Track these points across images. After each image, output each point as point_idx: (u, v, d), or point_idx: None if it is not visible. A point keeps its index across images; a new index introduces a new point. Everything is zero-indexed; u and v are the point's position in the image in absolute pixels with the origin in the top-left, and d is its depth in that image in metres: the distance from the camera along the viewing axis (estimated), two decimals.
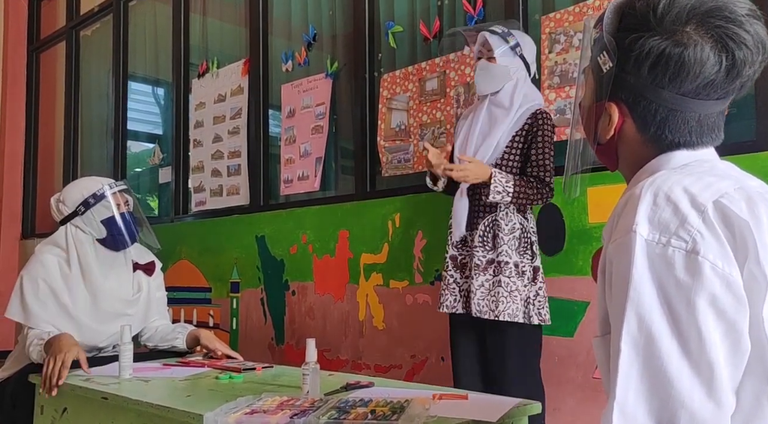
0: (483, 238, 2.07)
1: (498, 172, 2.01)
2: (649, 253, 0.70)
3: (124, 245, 2.22)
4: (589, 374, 2.19)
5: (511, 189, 2.00)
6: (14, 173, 5.44)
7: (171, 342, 2.26)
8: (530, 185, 2.04)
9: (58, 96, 5.36)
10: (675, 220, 0.70)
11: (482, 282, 2.03)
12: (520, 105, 2.10)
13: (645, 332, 0.69)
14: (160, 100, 4.70)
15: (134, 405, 1.55)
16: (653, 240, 0.70)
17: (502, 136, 2.09)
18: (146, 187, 4.75)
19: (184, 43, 4.17)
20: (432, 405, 1.34)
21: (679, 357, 0.67)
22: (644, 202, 0.73)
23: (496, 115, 2.12)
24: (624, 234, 0.72)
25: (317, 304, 3.17)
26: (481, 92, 2.15)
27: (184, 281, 3.90)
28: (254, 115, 3.64)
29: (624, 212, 0.75)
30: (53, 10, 5.55)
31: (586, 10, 2.34)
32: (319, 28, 3.40)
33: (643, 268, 0.70)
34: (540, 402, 1.42)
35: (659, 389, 0.67)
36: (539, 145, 2.07)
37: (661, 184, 0.74)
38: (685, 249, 0.69)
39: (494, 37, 2.11)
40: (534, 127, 2.08)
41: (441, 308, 2.13)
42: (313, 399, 1.41)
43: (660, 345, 0.68)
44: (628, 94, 0.83)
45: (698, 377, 0.67)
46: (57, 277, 2.13)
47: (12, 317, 2.10)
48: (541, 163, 2.06)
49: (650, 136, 0.83)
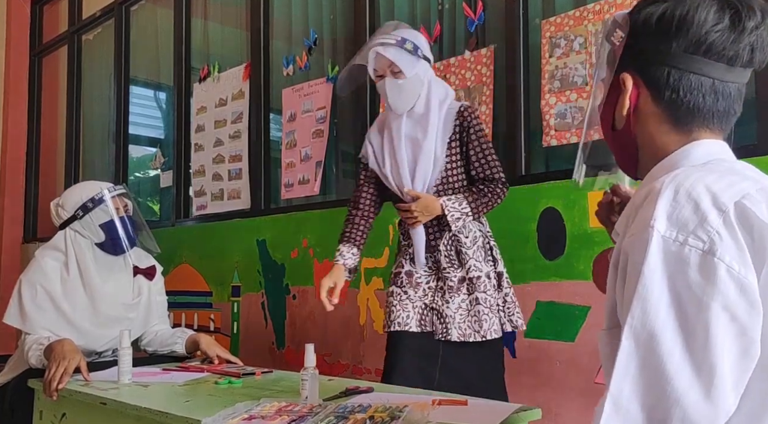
0: (448, 257, 1.96)
1: (447, 200, 1.91)
2: (665, 250, 0.69)
3: (123, 250, 2.21)
4: (591, 379, 2.18)
5: (467, 209, 1.92)
6: (16, 177, 5.45)
7: (170, 347, 2.26)
8: (483, 193, 1.94)
9: (60, 100, 5.37)
10: (694, 218, 0.69)
11: (459, 304, 1.92)
12: (440, 106, 1.97)
13: (649, 327, 0.68)
14: (162, 104, 4.71)
15: (133, 410, 1.54)
16: (670, 237, 0.69)
17: (437, 146, 1.96)
18: (147, 192, 4.75)
19: (186, 47, 4.18)
20: (431, 411, 1.33)
21: (681, 356, 0.66)
22: (664, 197, 0.71)
23: (419, 127, 1.97)
24: (641, 229, 0.71)
25: (318, 308, 3.16)
26: (399, 111, 1.98)
27: (185, 285, 3.90)
28: (255, 119, 3.64)
29: (643, 206, 0.74)
30: (55, 14, 5.57)
31: (586, 14, 2.33)
32: (320, 33, 3.40)
33: (656, 264, 0.69)
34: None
35: (656, 385, 0.66)
36: (476, 144, 1.96)
37: (683, 181, 0.72)
38: (702, 249, 0.67)
39: (391, 49, 1.91)
40: (465, 126, 1.96)
41: (392, 326, 1.95)
42: (312, 405, 1.40)
43: (662, 342, 0.67)
44: (639, 63, 0.83)
45: (698, 378, 0.66)
46: (56, 282, 2.13)
47: (10, 322, 2.10)
48: (484, 161, 1.96)
49: (666, 105, 0.82)
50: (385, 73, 1.94)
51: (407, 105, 1.97)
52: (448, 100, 2.01)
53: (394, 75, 1.93)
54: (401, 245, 2.08)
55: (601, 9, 2.29)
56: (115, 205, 2.20)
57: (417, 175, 1.97)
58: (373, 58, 1.95)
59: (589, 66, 2.32)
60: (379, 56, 1.93)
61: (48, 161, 5.46)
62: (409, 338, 1.95)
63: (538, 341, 2.32)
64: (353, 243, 2.08)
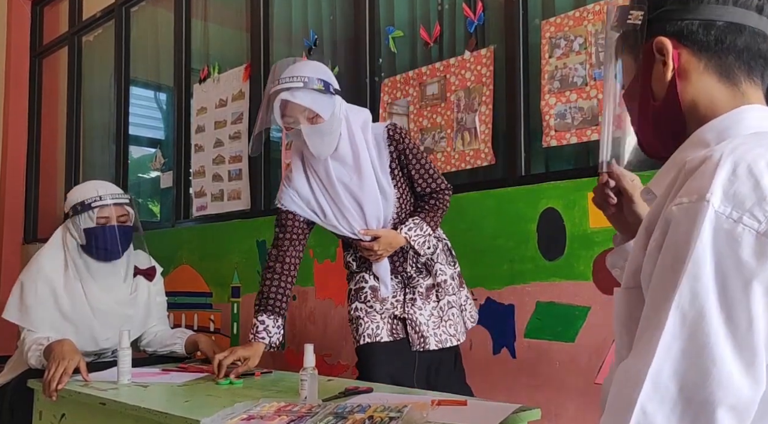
0: (414, 267, 1.93)
1: (409, 231, 1.85)
2: (716, 226, 0.66)
3: (103, 258, 2.17)
4: (591, 379, 2.18)
5: (429, 230, 1.88)
6: (16, 178, 5.45)
7: (170, 347, 2.26)
8: (435, 208, 1.90)
9: (60, 101, 5.38)
10: (753, 196, 0.66)
11: (430, 311, 1.90)
12: (363, 135, 1.84)
13: (697, 308, 0.65)
14: (162, 105, 4.71)
15: (132, 411, 1.54)
16: (724, 213, 0.66)
17: (381, 181, 1.85)
18: (148, 192, 4.75)
19: (186, 49, 4.18)
20: (430, 411, 1.33)
21: (725, 338, 0.64)
22: (723, 170, 0.67)
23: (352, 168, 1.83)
24: (695, 200, 0.67)
25: (318, 309, 3.16)
26: (323, 157, 1.80)
27: (185, 285, 3.90)
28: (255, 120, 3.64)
29: (697, 174, 0.70)
30: (55, 15, 5.57)
31: (586, 14, 2.33)
32: (320, 33, 3.41)
33: (707, 241, 0.66)
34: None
35: (699, 366, 0.65)
36: (415, 162, 1.88)
37: (744, 154, 0.69)
38: (757, 229, 0.65)
39: (300, 93, 1.70)
40: (400, 148, 1.86)
41: (361, 339, 1.87)
42: (311, 405, 1.40)
43: (710, 323, 0.65)
44: (671, 25, 0.82)
45: (740, 360, 0.64)
46: (54, 278, 2.13)
47: (9, 317, 2.11)
48: (427, 176, 1.90)
49: (709, 56, 0.81)
50: (297, 121, 1.74)
51: (331, 148, 1.80)
52: (368, 124, 1.88)
53: (310, 120, 1.75)
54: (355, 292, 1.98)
55: (601, 9, 2.29)
56: (105, 214, 2.16)
57: (368, 216, 1.86)
58: (279, 106, 1.74)
59: (590, 66, 2.32)
60: (288, 104, 1.73)
61: (48, 162, 5.46)
62: (381, 348, 1.87)
63: (538, 341, 2.31)
64: (278, 313, 1.87)
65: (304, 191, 1.90)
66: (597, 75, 2.29)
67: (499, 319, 2.39)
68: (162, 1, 4.46)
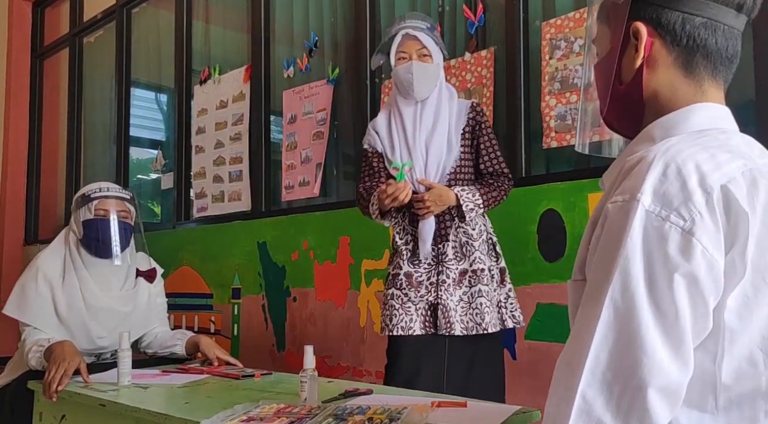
0: (455, 249, 1.95)
1: (462, 191, 1.92)
2: (647, 224, 0.71)
3: (100, 252, 2.16)
4: None
5: (480, 201, 1.93)
6: (17, 180, 5.45)
7: (170, 349, 2.25)
8: (492, 187, 1.97)
9: (61, 102, 5.38)
10: (680, 196, 0.70)
11: (460, 296, 1.91)
12: (449, 101, 2.01)
13: (628, 300, 0.70)
14: (163, 106, 4.72)
15: (132, 412, 1.54)
16: (653, 212, 0.71)
17: (451, 134, 1.98)
18: (148, 194, 4.75)
19: (187, 50, 4.18)
20: (430, 413, 1.33)
21: (654, 328, 0.69)
22: (654, 171, 0.72)
23: (432, 115, 1.98)
24: (627, 198, 0.72)
25: (318, 310, 3.16)
26: (420, 96, 1.98)
27: (186, 287, 3.90)
28: (256, 121, 3.64)
29: (633, 174, 0.75)
30: (57, 17, 5.58)
31: (586, 16, 2.33)
32: (321, 35, 3.41)
33: (638, 237, 0.70)
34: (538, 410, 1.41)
35: (632, 354, 0.69)
36: (486, 138, 2.01)
37: (675, 155, 0.73)
38: (682, 227, 0.70)
39: (422, 33, 1.96)
40: (477, 120, 2.02)
41: (394, 330, 1.91)
42: (311, 406, 1.40)
43: (639, 314, 0.69)
44: (651, 10, 0.83)
45: (668, 346, 0.69)
46: (54, 276, 2.14)
47: (9, 312, 2.11)
48: (494, 156, 2.01)
49: (679, 51, 0.83)
50: (411, 56, 1.96)
51: (429, 90, 1.98)
52: (454, 99, 2.05)
53: (422, 58, 1.96)
54: (396, 246, 2.03)
55: None
56: (104, 207, 2.17)
57: (430, 161, 1.96)
58: (399, 41, 1.97)
59: None
60: (408, 39, 1.96)
61: (49, 163, 5.47)
62: (414, 342, 1.92)
63: (539, 342, 2.31)
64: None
65: (383, 130, 2.05)
66: None
67: None
68: (163, 3, 4.47)
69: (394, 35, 1.99)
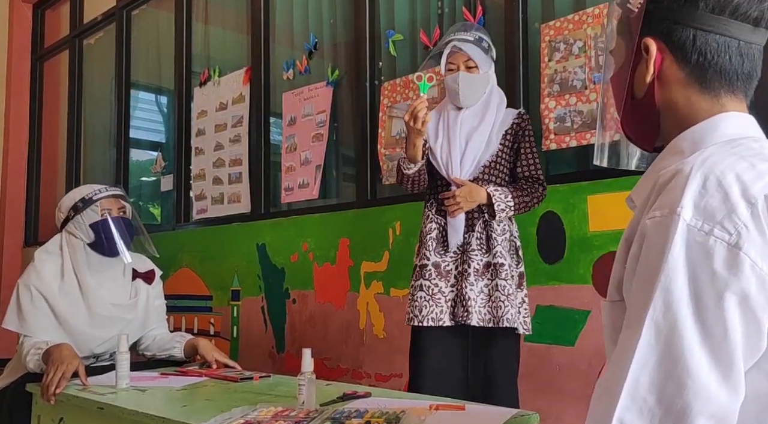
0: (479, 240, 2.00)
1: (495, 190, 1.98)
2: (689, 239, 0.67)
3: (114, 251, 2.17)
4: (591, 383, 2.17)
5: (512, 203, 1.99)
6: (17, 181, 5.46)
7: (169, 351, 2.25)
8: (525, 192, 2.02)
9: (61, 104, 5.39)
10: (723, 209, 0.67)
11: (481, 288, 1.96)
12: (497, 108, 2.08)
13: (670, 319, 0.66)
14: (163, 108, 4.72)
15: (130, 415, 1.54)
16: (695, 226, 0.67)
17: (492, 131, 2.05)
18: (148, 196, 4.76)
19: (186, 52, 4.19)
20: (428, 416, 1.33)
21: (700, 349, 0.65)
22: (693, 183, 0.69)
23: (477, 117, 2.07)
24: (666, 213, 0.69)
25: (318, 312, 3.16)
26: (467, 104, 2.07)
27: (185, 289, 3.90)
28: (255, 123, 3.64)
29: (669, 188, 0.71)
30: (57, 19, 5.58)
31: (585, 18, 2.33)
32: (320, 37, 3.41)
33: (680, 254, 0.66)
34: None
35: (675, 377, 0.65)
36: (527, 145, 2.08)
37: (713, 167, 0.70)
38: (728, 241, 0.66)
39: (469, 45, 2.04)
40: (522, 126, 2.09)
41: (425, 321, 1.96)
42: (308, 410, 1.40)
43: (683, 335, 0.65)
44: (662, 25, 0.81)
45: (717, 370, 0.65)
46: (52, 283, 2.13)
47: (9, 326, 2.10)
48: (532, 161, 2.07)
49: (692, 68, 0.80)
50: (458, 67, 2.04)
51: (476, 99, 2.06)
52: (503, 104, 2.11)
53: (469, 70, 2.04)
54: (422, 236, 2.07)
55: (600, 13, 2.29)
56: (106, 206, 2.18)
57: (468, 153, 2.03)
58: (448, 52, 2.06)
59: (589, 70, 2.32)
60: (456, 51, 2.04)
61: (49, 165, 5.47)
62: (443, 334, 1.99)
63: (538, 345, 2.31)
64: None
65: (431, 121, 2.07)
66: (597, 78, 2.29)
67: None
68: (163, 4, 4.47)
69: (445, 45, 2.09)
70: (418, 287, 2.01)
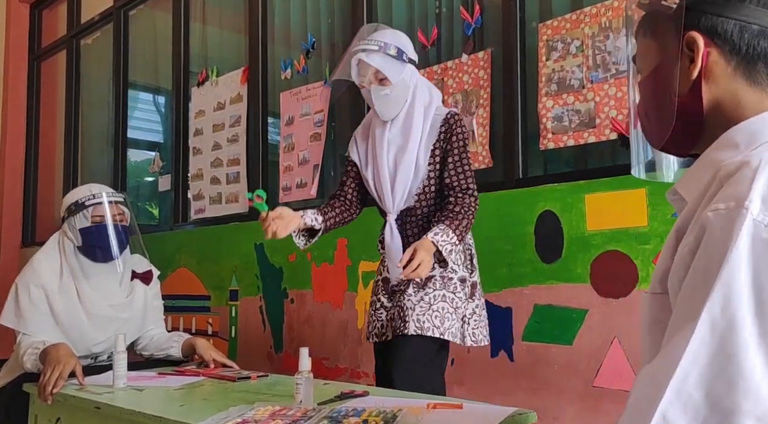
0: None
1: (435, 236, 1.80)
2: (755, 234, 0.64)
3: (100, 258, 2.15)
4: (589, 382, 2.17)
5: (455, 239, 1.83)
6: (15, 181, 5.45)
7: (166, 351, 2.25)
8: (460, 216, 1.86)
9: (58, 105, 5.38)
10: None
11: (421, 296, 1.86)
12: (425, 112, 1.94)
13: (728, 316, 0.63)
14: (160, 108, 4.71)
15: (127, 415, 1.54)
16: (762, 221, 0.64)
17: (419, 154, 1.92)
18: (146, 196, 4.75)
19: (184, 52, 4.18)
20: (425, 415, 1.33)
21: (757, 348, 0.63)
22: (762, 176, 0.66)
23: (402, 133, 1.94)
24: (732, 206, 0.66)
25: (316, 312, 3.16)
26: (386, 119, 1.94)
27: (183, 289, 3.89)
28: (253, 122, 3.64)
29: (734, 180, 0.68)
30: (54, 19, 5.57)
31: (583, 17, 2.33)
32: (318, 36, 3.41)
33: (744, 249, 0.64)
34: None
35: (727, 375, 0.63)
36: (455, 152, 1.92)
37: None
38: None
39: (374, 56, 1.87)
40: (449, 133, 1.93)
41: (369, 338, 1.95)
42: (306, 409, 1.40)
43: (740, 333, 0.63)
44: (705, 20, 0.79)
45: None
46: (49, 282, 2.13)
47: (6, 323, 2.10)
48: (460, 170, 1.91)
49: (739, 61, 0.79)
50: (370, 81, 1.90)
51: (394, 112, 1.94)
52: (433, 104, 1.97)
53: (380, 82, 1.90)
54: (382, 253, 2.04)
55: (598, 12, 2.29)
56: (100, 213, 2.15)
57: (397, 182, 1.94)
58: (356, 65, 1.91)
59: (586, 69, 2.32)
60: (362, 63, 1.90)
61: (47, 165, 5.46)
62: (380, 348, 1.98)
63: (536, 344, 2.31)
64: (320, 212, 1.99)
65: (361, 144, 2.07)
66: (594, 77, 2.29)
67: (497, 322, 2.38)
68: (160, 4, 4.46)
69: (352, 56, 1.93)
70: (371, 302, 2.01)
